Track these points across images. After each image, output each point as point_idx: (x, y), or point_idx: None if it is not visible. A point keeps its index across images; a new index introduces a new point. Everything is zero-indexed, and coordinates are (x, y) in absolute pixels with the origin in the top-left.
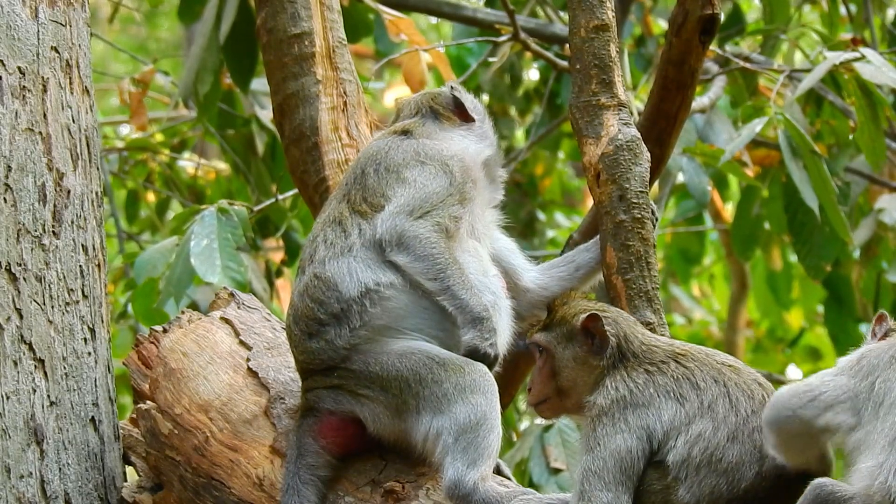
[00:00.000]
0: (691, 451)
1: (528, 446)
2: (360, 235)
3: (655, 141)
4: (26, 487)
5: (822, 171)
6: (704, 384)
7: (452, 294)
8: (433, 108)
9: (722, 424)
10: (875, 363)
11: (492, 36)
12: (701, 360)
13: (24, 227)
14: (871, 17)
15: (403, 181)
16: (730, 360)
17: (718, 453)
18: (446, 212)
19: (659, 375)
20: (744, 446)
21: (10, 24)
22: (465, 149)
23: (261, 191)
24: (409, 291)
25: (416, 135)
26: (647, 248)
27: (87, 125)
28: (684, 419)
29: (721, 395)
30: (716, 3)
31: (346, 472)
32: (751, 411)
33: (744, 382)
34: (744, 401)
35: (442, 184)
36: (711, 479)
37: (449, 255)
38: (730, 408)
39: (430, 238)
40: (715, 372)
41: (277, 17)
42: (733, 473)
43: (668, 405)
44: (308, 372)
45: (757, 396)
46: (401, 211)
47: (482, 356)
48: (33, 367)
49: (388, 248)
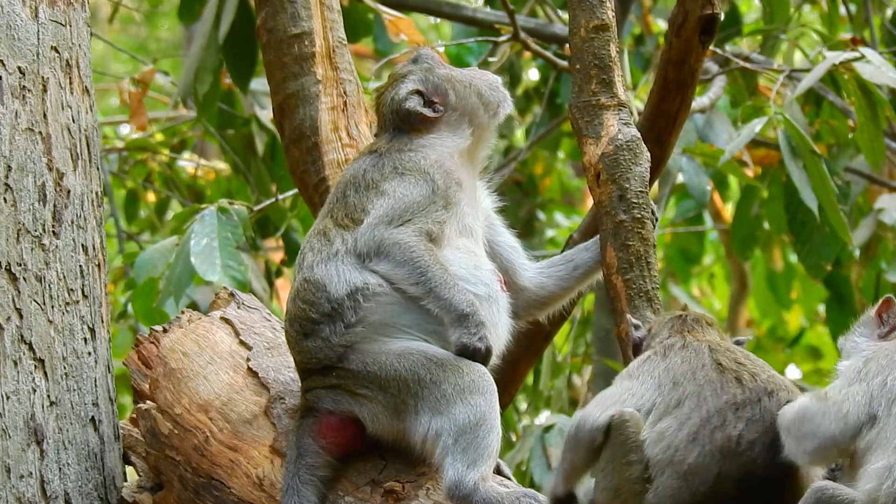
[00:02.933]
0: (654, 450)
1: (528, 447)
2: (343, 243)
3: (655, 141)
4: (26, 487)
5: (822, 171)
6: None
7: (436, 296)
8: (398, 125)
9: (686, 423)
10: (884, 364)
11: (491, 36)
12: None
13: (24, 227)
14: (870, 16)
15: (382, 193)
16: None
17: (680, 455)
18: (429, 218)
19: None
20: (703, 448)
21: (10, 24)
22: (441, 153)
23: (261, 191)
24: (399, 291)
25: (390, 151)
26: (647, 248)
27: (87, 125)
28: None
29: (693, 393)
30: (716, 3)
31: (346, 472)
32: (714, 409)
33: (722, 377)
34: (710, 397)
35: (423, 192)
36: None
37: (429, 258)
38: (695, 406)
39: (409, 243)
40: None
41: (277, 17)
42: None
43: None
44: (307, 372)
45: (729, 392)
46: (380, 221)
47: (473, 352)
48: (33, 367)
49: (368, 259)
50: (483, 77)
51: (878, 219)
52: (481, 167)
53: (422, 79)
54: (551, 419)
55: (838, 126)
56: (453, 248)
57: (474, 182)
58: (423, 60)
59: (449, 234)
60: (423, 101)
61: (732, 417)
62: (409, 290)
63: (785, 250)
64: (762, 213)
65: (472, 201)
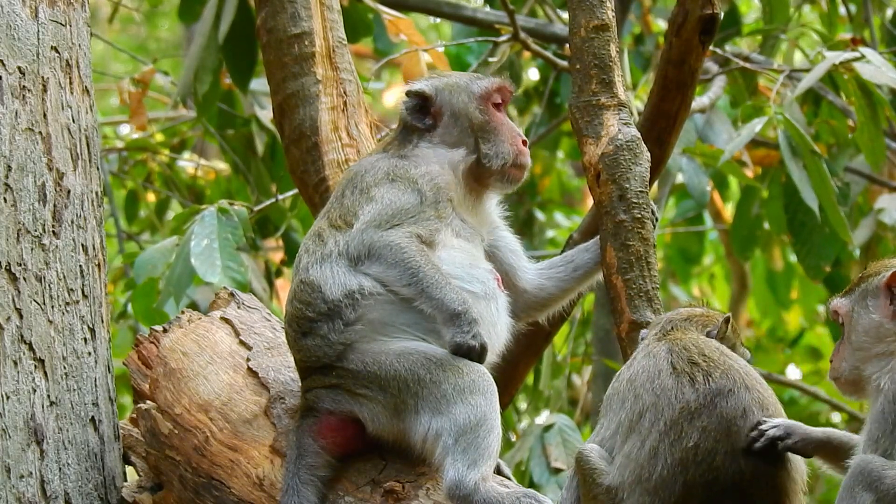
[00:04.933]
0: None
1: (527, 446)
2: (335, 245)
3: (655, 141)
4: (26, 487)
5: (822, 171)
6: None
7: (428, 296)
8: (405, 122)
9: (647, 439)
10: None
11: (491, 36)
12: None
13: (24, 227)
14: (870, 16)
15: (371, 199)
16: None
17: (646, 472)
18: (419, 223)
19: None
20: (665, 461)
21: (10, 24)
22: (434, 166)
23: (261, 191)
24: (394, 292)
25: (393, 154)
26: (647, 248)
27: (87, 125)
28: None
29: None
30: (716, 3)
31: (346, 472)
32: (670, 421)
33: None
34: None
35: (412, 200)
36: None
37: (420, 258)
38: (654, 419)
39: (400, 244)
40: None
41: (277, 17)
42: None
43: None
44: (307, 371)
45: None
46: (369, 226)
47: (468, 350)
48: (33, 367)
49: (360, 262)
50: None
51: (878, 219)
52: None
53: (437, 87)
54: (551, 419)
55: (838, 126)
56: (448, 248)
57: (478, 196)
58: (468, 81)
59: (443, 239)
60: (421, 107)
61: (688, 428)
62: (401, 291)
63: (785, 250)
64: (762, 213)
65: (470, 213)
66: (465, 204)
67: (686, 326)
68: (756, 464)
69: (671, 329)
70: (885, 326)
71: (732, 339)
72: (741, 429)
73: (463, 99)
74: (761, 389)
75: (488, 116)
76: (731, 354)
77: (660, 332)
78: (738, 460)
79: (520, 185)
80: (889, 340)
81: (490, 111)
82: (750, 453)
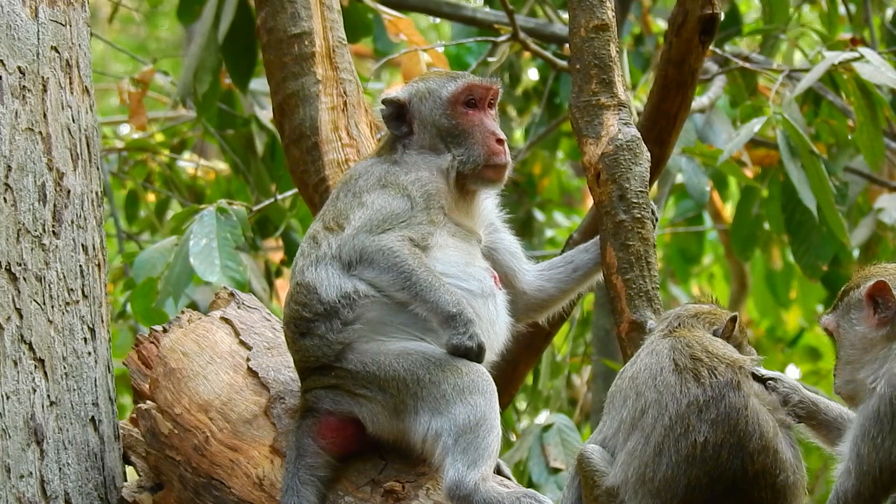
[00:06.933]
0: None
1: (527, 446)
2: (329, 247)
3: (655, 141)
4: (26, 487)
5: (821, 171)
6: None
7: (422, 299)
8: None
9: (651, 435)
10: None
11: (491, 35)
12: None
13: (24, 226)
14: (870, 16)
15: (363, 205)
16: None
17: (650, 471)
18: (411, 228)
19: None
20: (671, 459)
21: (10, 24)
22: (423, 173)
23: (260, 191)
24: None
25: (384, 157)
26: (647, 248)
27: (87, 125)
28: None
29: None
30: (716, 3)
31: (346, 472)
32: (676, 415)
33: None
34: (671, 405)
35: (402, 206)
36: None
37: (413, 261)
38: (658, 415)
39: (392, 248)
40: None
41: (277, 17)
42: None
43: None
44: (306, 371)
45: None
46: (360, 231)
47: (465, 351)
48: (33, 366)
49: (353, 267)
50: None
51: (877, 219)
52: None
53: (411, 93)
54: (550, 419)
55: (837, 126)
56: (444, 248)
57: (470, 198)
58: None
59: (437, 241)
60: (397, 114)
61: (696, 421)
62: (396, 296)
63: (784, 250)
64: (762, 212)
65: (464, 216)
66: (458, 207)
67: (693, 324)
68: (757, 462)
69: (678, 325)
70: (871, 336)
71: (739, 338)
72: (748, 421)
73: (429, 105)
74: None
75: (456, 120)
76: (734, 351)
77: (666, 329)
78: (741, 457)
79: (502, 183)
80: (878, 348)
81: (459, 114)
82: (753, 451)
